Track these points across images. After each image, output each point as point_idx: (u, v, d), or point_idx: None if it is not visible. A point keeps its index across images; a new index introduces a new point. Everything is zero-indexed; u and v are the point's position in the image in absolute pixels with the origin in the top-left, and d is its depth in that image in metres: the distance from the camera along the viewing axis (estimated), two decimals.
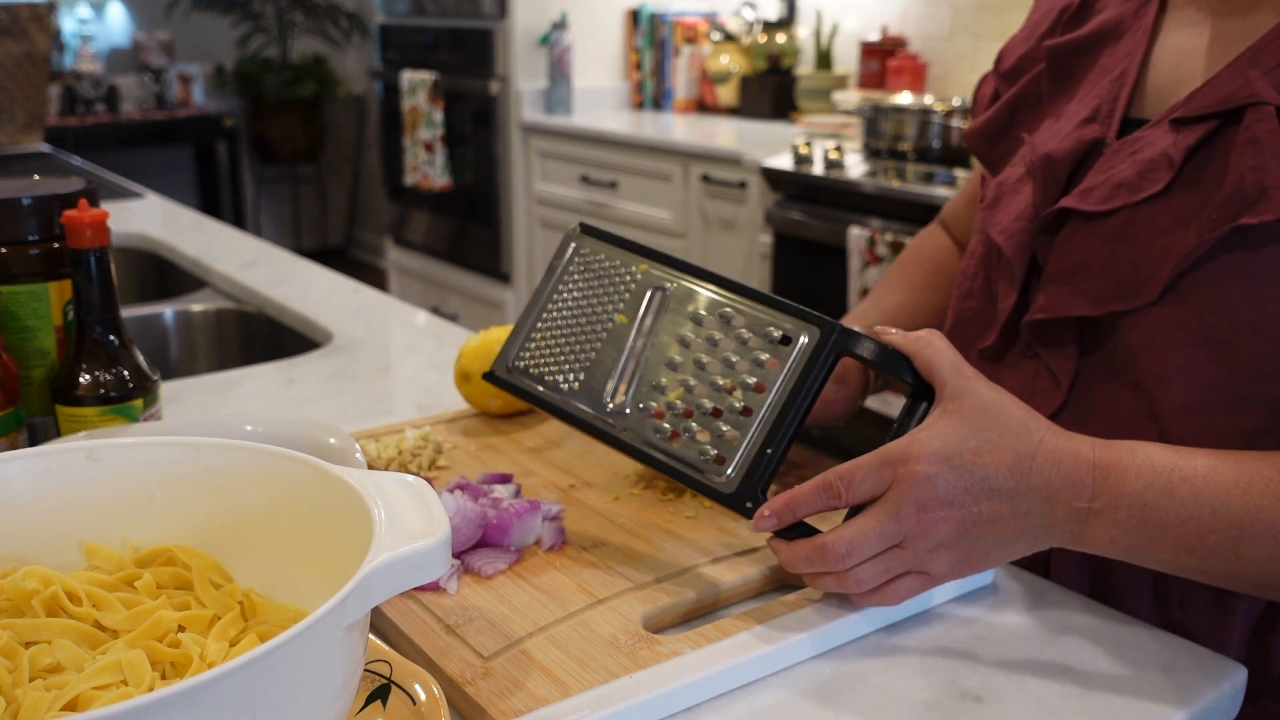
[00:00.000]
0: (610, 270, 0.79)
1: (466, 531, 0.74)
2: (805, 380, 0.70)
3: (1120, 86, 0.80)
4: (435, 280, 4.19)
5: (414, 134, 3.93)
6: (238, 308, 1.57)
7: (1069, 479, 0.64)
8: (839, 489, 0.65)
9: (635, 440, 0.73)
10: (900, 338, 0.70)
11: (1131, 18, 0.83)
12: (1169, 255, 0.71)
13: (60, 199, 0.89)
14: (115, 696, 0.48)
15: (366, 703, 0.58)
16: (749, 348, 0.72)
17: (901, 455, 0.65)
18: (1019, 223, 0.82)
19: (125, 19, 5.46)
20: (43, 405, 0.89)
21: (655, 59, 3.81)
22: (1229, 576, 0.67)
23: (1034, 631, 0.71)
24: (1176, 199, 0.73)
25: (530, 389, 0.79)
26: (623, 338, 0.76)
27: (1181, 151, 0.73)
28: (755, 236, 2.86)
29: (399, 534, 0.50)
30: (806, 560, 0.66)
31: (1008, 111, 0.90)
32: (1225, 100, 0.71)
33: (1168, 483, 0.65)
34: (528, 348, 0.80)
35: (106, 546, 0.60)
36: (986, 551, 0.66)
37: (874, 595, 0.67)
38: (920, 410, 0.69)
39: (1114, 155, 0.77)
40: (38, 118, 2.71)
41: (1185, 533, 0.64)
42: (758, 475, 0.70)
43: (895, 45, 3.24)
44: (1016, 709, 0.63)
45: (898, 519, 0.64)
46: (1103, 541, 0.66)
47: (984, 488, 0.64)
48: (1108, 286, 0.75)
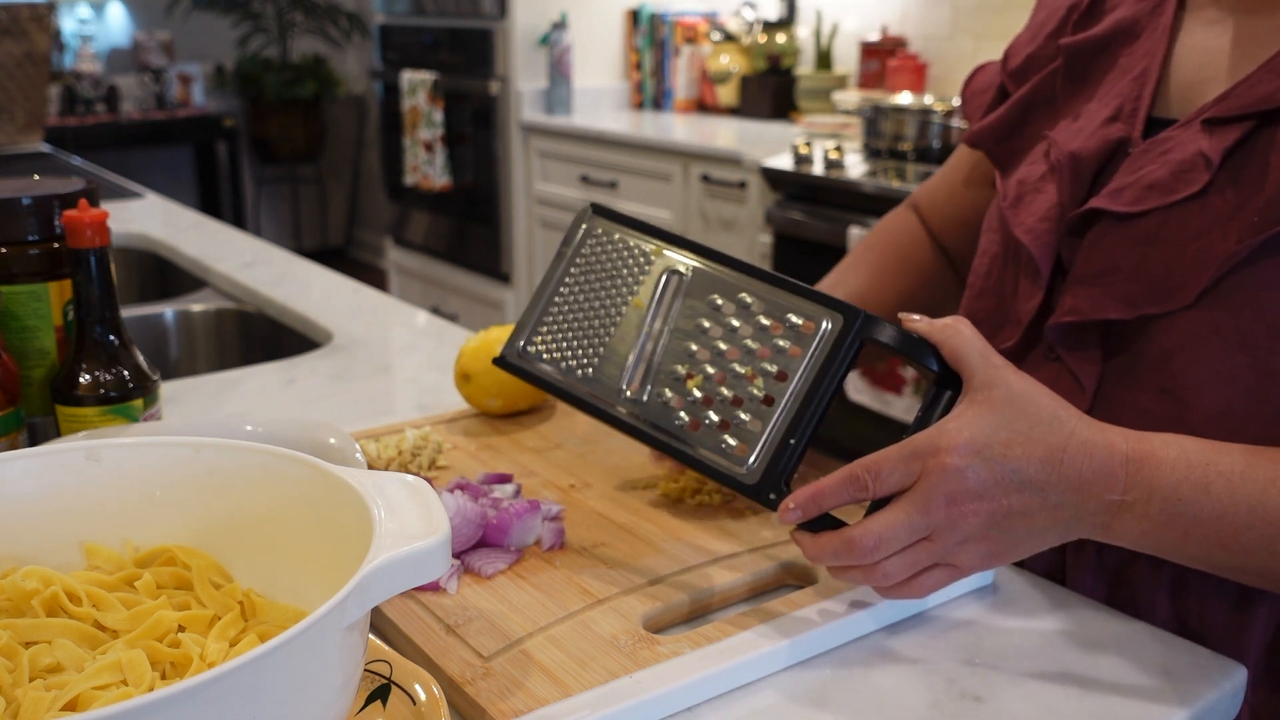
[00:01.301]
0: (624, 252, 0.76)
1: (466, 531, 0.74)
2: (829, 368, 0.69)
3: (1142, 85, 0.79)
4: (435, 280, 4.19)
5: (414, 134, 3.93)
6: (238, 308, 1.57)
7: (1101, 471, 0.63)
8: (866, 481, 0.64)
9: (654, 430, 0.72)
10: (926, 325, 0.68)
11: (1149, 16, 0.82)
12: (1206, 258, 0.70)
13: (60, 199, 0.89)
14: (115, 696, 0.48)
15: (366, 703, 0.58)
16: (769, 334, 0.70)
17: (931, 447, 0.63)
18: (1045, 223, 0.80)
19: (125, 19, 5.45)
20: (43, 405, 0.88)
21: (655, 59, 3.81)
22: (1261, 574, 0.66)
23: (1034, 631, 0.71)
24: (1213, 201, 0.71)
25: (543, 374, 0.76)
26: (638, 324, 0.74)
27: (1220, 152, 0.71)
28: (755, 236, 2.86)
29: (399, 534, 0.50)
30: (833, 554, 0.65)
31: (1020, 110, 0.88)
32: (1264, 100, 0.70)
33: (1203, 477, 0.64)
34: (539, 332, 0.77)
35: (106, 546, 0.60)
36: (1016, 544, 0.65)
37: (900, 589, 0.66)
38: (945, 400, 0.68)
39: (1142, 155, 0.76)
40: (38, 118, 2.71)
41: (1219, 528, 0.64)
42: (781, 466, 0.68)
43: (895, 45, 3.24)
44: (1016, 709, 0.63)
45: (927, 512, 0.63)
46: (1134, 534, 0.65)
47: (1015, 480, 0.63)
48: (1140, 289, 0.73)
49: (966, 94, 0.99)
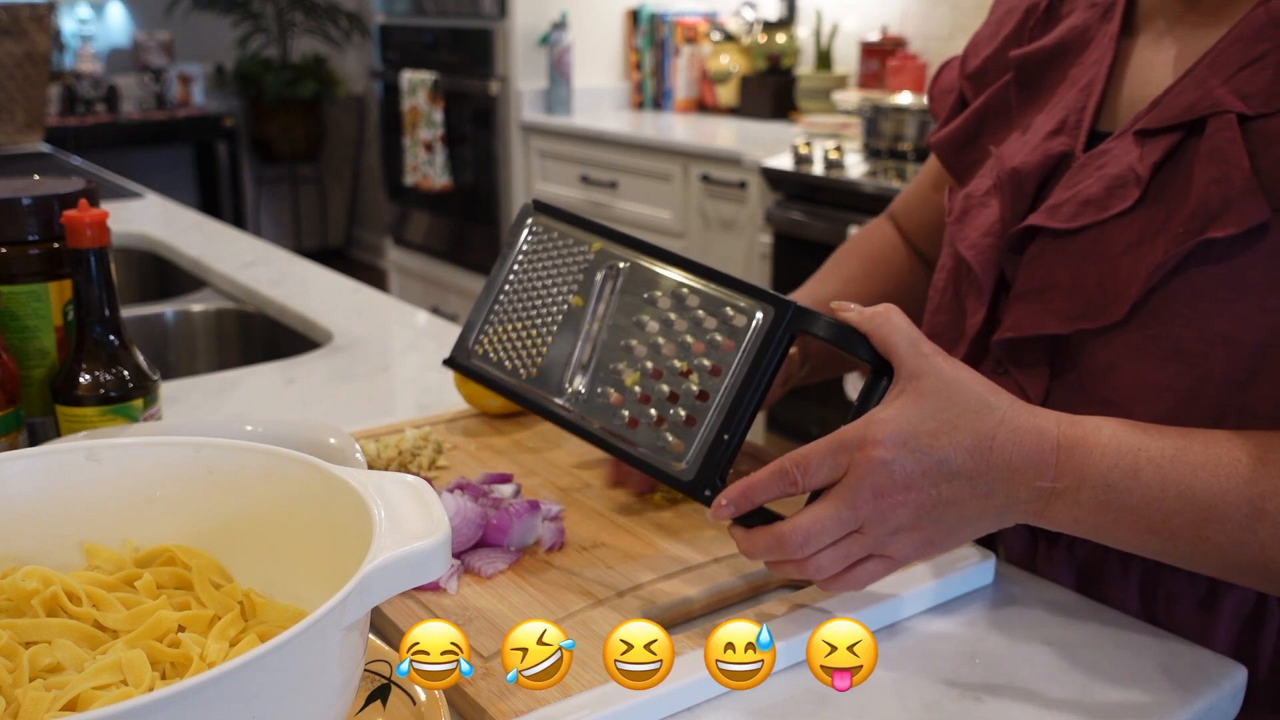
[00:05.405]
0: (564, 249, 0.76)
1: (466, 531, 0.74)
2: (760, 361, 0.68)
3: (1087, 96, 0.79)
4: (435, 280, 4.19)
5: (414, 134, 3.94)
6: (238, 308, 1.57)
7: (1031, 458, 0.63)
8: (794, 475, 0.64)
9: (596, 428, 0.72)
10: (857, 315, 0.68)
11: (1097, 24, 0.82)
12: (1136, 272, 0.70)
13: (60, 199, 0.89)
14: (115, 696, 0.48)
15: (366, 703, 0.58)
16: (704, 329, 0.70)
17: (857, 440, 0.63)
18: (987, 239, 0.81)
19: (125, 19, 5.46)
20: (43, 405, 0.89)
21: (655, 59, 3.81)
22: (1192, 558, 0.66)
23: (1034, 631, 0.71)
24: (1142, 215, 0.72)
25: (490, 375, 0.76)
26: (579, 320, 0.74)
27: (1148, 168, 0.71)
28: (755, 236, 2.86)
29: (399, 534, 0.50)
30: (765, 549, 0.65)
31: (975, 121, 0.88)
32: (1187, 111, 0.70)
33: (1133, 463, 0.64)
34: (485, 332, 0.77)
35: (106, 546, 0.60)
36: (949, 532, 0.65)
37: (837, 581, 0.66)
38: (881, 388, 0.67)
39: (1080, 170, 0.76)
40: (38, 118, 2.71)
41: (1149, 514, 0.64)
42: (715, 462, 0.68)
43: (895, 45, 3.24)
44: (1016, 709, 0.63)
45: (854, 506, 0.63)
46: (1067, 520, 0.65)
47: (943, 470, 0.63)
48: (1076, 305, 0.74)
49: (934, 92, 0.98)
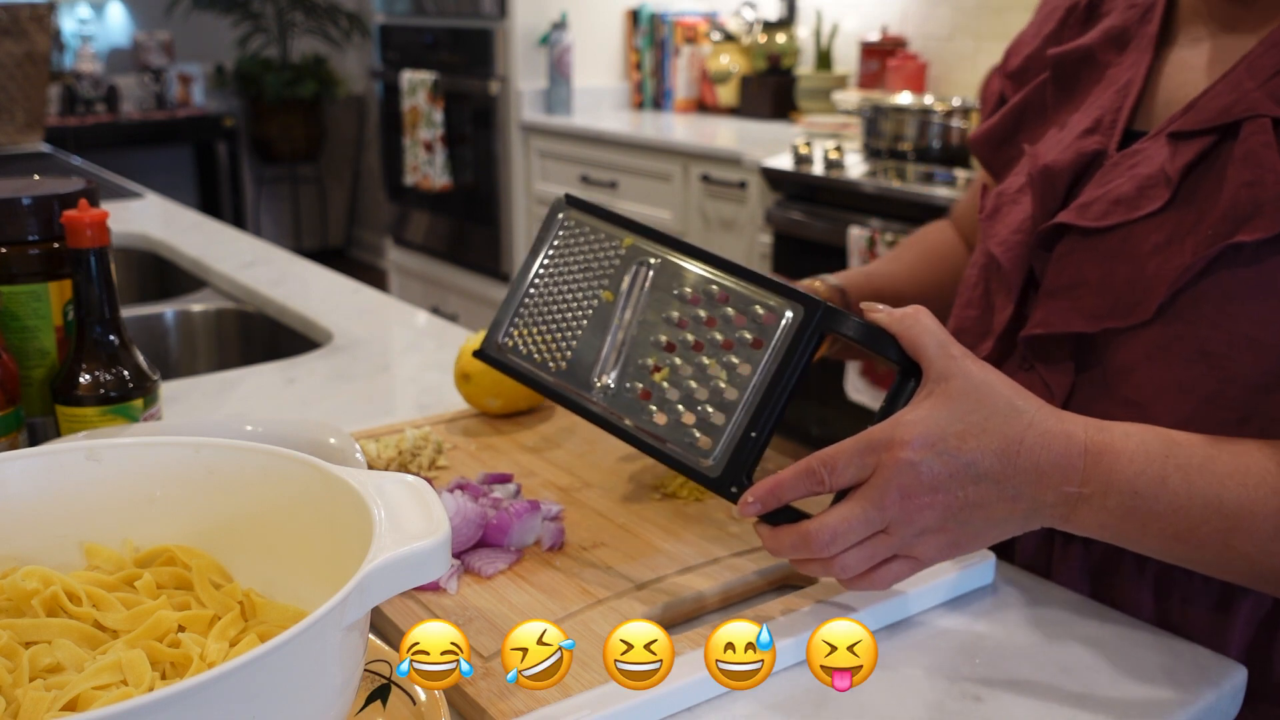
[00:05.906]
0: (595, 244, 0.76)
1: (466, 531, 0.74)
2: (789, 361, 0.68)
3: (1124, 97, 0.80)
4: (435, 280, 4.19)
5: (414, 134, 3.94)
6: (238, 308, 1.57)
7: (1058, 463, 0.63)
8: (822, 475, 0.64)
9: (623, 423, 0.72)
10: (886, 315, 0.68)
11: (1136, 25, 0.82)
12: (1164, 273, 0.71)
13: (60, 199, 0.89)
14: (115, 696, 0.48)
15: (366, 703, 0.58)
16: (734, 327, 0.70)
17: (885, 440, 0.63)
18: (1017, 235, 0.81)
19: (125, 19, 5.45)
20: (43, 405, 0.88)
21: (655, 59, 3.81)
22: (1218, 567, 0.66)
23: (1034, 631, 0.71)
24: (1173, 216, 0.72)
25: (520, 368, 0.76)
26: (609, 315, 0.74)
27: (1179, 170, 0.72)
28: (755, 236, 2.86)
29: (399, 534, 0.50)
30: (791, 547, 0.65)
31: (1013, 118, 0.89)
32: (1222, 114, 0.71)
33: (1161, 470, 0.64)
34: (515, 324, 0.78)
35: (106, 546, 0.60)
36: (975, 534, 0.65)
37: (861, 581, 0.66)
38: (909, 389, 0.67)
39: (1113, 168, 0.77)
40: (38, 118, 2.71)
41: (1176, 522, 0.64)
42: (742, 459, 0.68)
43: (895, 45, 3.24)
44: (1016, 709, 0.63)
45: (881, 506, 0.63)
46: (1092, 526, 0.65)
47: (970, 473, 0.63)
48: (1104, 303, 0.74)
49: (983, 95, 1.00)
